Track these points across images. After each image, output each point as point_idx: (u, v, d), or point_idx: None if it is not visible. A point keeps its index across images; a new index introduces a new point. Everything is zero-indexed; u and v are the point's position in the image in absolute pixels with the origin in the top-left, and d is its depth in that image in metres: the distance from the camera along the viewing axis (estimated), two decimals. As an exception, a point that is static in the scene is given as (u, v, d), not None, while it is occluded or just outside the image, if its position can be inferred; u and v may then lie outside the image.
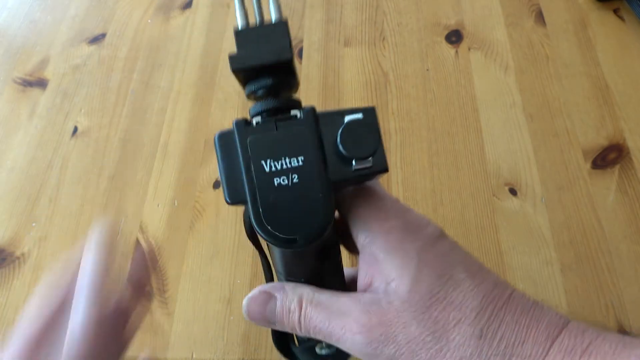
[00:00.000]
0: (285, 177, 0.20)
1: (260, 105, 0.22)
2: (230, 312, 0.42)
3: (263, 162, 0.20)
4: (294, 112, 0.22)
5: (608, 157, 0.49)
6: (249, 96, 0.23)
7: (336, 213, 0.26)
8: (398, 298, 0.22)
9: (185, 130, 0.53)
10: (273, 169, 0.20)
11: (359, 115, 0.21)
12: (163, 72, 0.57)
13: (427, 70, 0.56)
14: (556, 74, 0.54)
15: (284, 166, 0.20)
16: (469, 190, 0.48)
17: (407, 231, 0.23)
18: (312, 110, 0.21)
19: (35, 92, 0.57)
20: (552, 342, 0.21)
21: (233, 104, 0.54)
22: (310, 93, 0.55)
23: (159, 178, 0.50)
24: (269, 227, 0.20)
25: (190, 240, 0.46)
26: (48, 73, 0.58)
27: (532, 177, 0.48)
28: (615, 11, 0.59)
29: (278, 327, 0.25)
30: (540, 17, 0.59)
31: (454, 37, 0.58)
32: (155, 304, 0.43)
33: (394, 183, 0.48)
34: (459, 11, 0.60)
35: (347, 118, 0.21)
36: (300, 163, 0.20)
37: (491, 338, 0.21)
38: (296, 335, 0.32)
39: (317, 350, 0.29)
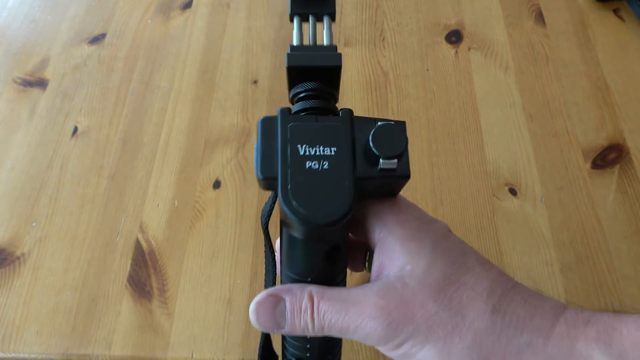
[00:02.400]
0: (317, 162, 0.22)
1: (304, 104, 0.24)
2: (230, 312, 0.42)
3: (299, 145, 0.22)
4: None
5: (608, 157, 0.49)
6: (292, 98, 0.25)
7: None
8: (414, 280, 0.23)
9: (185, 130, 0.53)
10: (307, 153, 0.22)
11: (391, 123, 0.23)
12: (163, 72, 0.57)
13: (427, 70, 0.56)
14: (556, 74, 0.54)
15: (318, 153, 0.22)
16: (469, 190, 0.48)
17: (421, 222, 0.25)
18: (350, 111, 0.23)
19: (35, 92, 0.57)
20: (558, 318, 0.23)
21: (233, 104, 0.54)
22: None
23: (159, 178, 0.50)
24: (294, 203, 0.21)
25: (190, 240, 0.46)
26: (48, 73, 0.58)
27: (532, 177, 0.48)
28: (615, 11, 0.59)
29: (287, 330, 0.25)
30: (540, 17, 0.59)
31: (454, 37, 0.58)
32: (155, 304, 0.43)
33: (394, 183, 0.48)
34: (459, 11, 0.60)
35: (380, 123, 0.23)
36: (333, 153, 0.22)
37: (503, 313, 0.23)
38: (282, 355, 0.32)
39: None
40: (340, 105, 0.26)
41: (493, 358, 0.22)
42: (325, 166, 0.22)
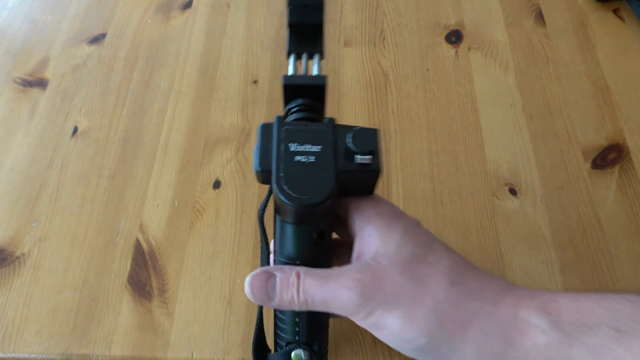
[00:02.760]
0: (304, 157, 0.27)
1: (297, 115, 0.29)
2: (230, 312, 0.42)
3: (290, 143, 0.27)
4: None
5: (608, 157, 0.49)
6: (287, 112, 0.30)
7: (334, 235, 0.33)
8: (386, 259, 0.27)
9: (185, 130, 0.53)
10: (297, 149, 0.27)
11: (366, 127, 0.28)
12: (163, 72, 0.57)
13: (427, 70, 0.56)
14: (556, 74, 0.54)
15: (306, 149, 0.27)
16: (469, 190, 0.48)
17: (395, 214, 0.30)
18: (333, 120, 0.28)
19: (35, 92, 0.57)
20: (506, 291, 0.27)
21: (233, 104, 0.54)
22: (310, 93, 0.54)
23: (159, 178, 0.50)
24: (285, 188, 0.26)
25: (190, 240, 0.46)
26: (48, 73, 0.58)
27: (532, 177, 0.48)
28: (615, 11, 0.59)
29: (276, 303, 0.28)
30: (540, 17, 0.59)
31: (454, 37, 0.58)
32: (155, 304, 0.43)
33: (394, 183, 0.48)
34: (459, 11, 0.60)
35: (357, 128, 0.27)
36: (318, 150, 0.27)
37: (459, 285, 0.27)
38: (274, 343, 0.34)
39: (293, 356, 0.32)
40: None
41: (449, 321, 0.26)
42: (311, 160, 0.27)
